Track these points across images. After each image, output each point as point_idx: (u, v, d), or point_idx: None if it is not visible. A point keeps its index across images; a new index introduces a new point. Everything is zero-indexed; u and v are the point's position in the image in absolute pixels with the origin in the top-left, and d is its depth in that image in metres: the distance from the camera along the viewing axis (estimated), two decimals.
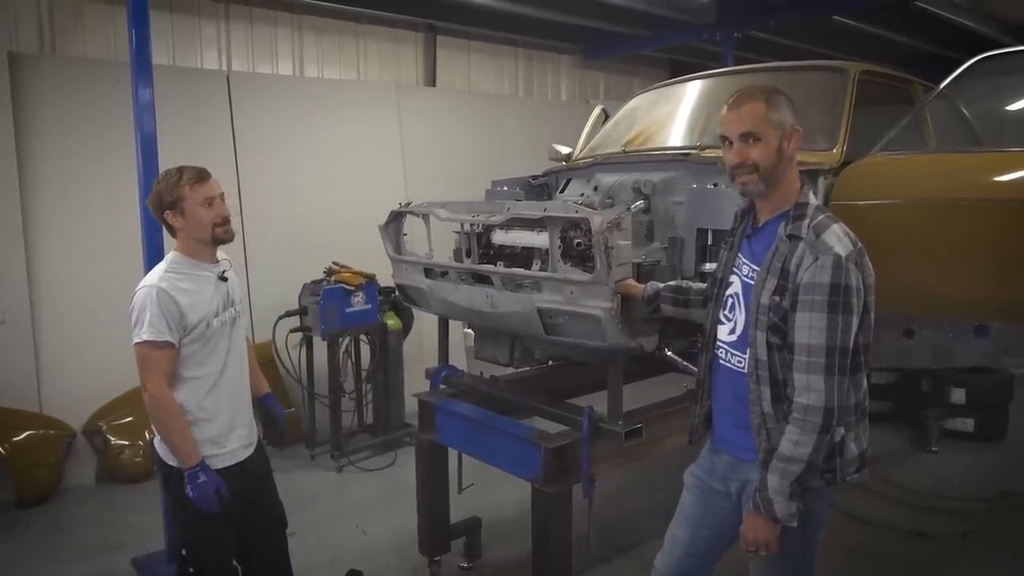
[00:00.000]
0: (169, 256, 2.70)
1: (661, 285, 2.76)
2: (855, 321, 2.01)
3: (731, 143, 2.14)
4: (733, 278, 2.26)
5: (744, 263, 2.22)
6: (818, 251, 1.99)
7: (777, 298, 2.05)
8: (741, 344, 2.20)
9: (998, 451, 5.59)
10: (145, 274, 2.77)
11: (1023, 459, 5.40)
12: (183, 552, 2.71)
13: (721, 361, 2.29)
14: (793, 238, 2.05)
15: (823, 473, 2.08)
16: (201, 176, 2.65)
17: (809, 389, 1.99)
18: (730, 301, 2.26)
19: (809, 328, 1.99)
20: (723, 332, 2.29)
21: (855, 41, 8.57)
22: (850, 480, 2.15)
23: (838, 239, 2.02)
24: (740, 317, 2.21)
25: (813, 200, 2.14)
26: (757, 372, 2.12)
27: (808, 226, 2.05)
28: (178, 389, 2.61)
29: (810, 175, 3.18)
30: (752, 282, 2.15)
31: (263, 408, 3.05)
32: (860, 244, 2.06)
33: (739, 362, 2.21)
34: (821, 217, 2.07)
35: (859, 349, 2.07)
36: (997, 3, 7.75)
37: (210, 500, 2.57)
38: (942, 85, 3.34)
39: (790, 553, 2.17)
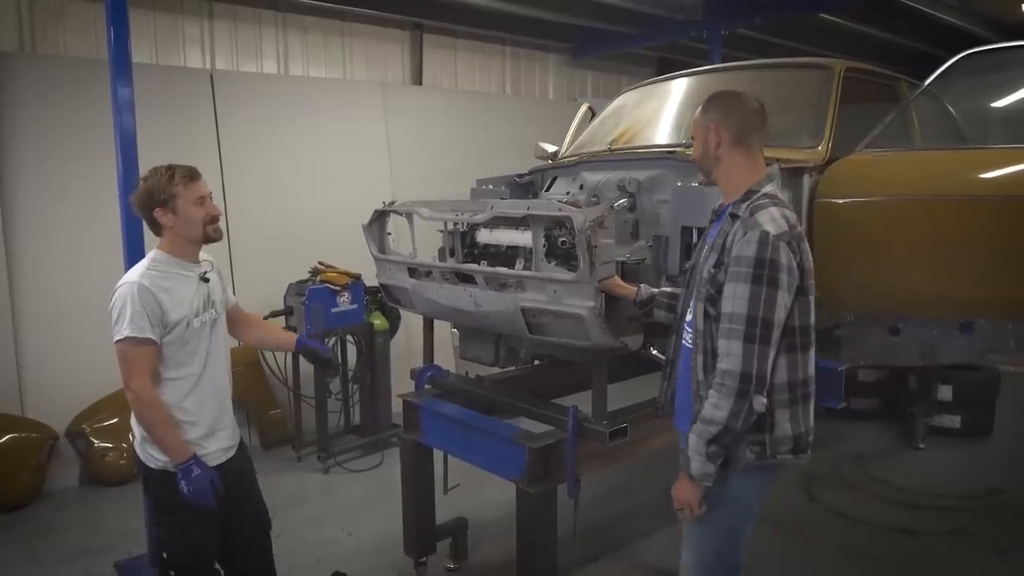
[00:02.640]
0: (151, 254, 2.66)
1: (656, 290, 2.78)
2: (782, 296, 2.09)
3: None
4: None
5: (707, 247, 2.35)
6: (748, 227, 2.12)
7: (714, 270, 2.19)
8: (692, 322, 2.33)
9: (985, 448, 5.61)
10: (126, 272, 2.72)
11: (1010, 456, 5.42)
12: (164, 555, 2.67)
13: (684, 342, 2.42)
14: (734, 217, 2.20)
15: (751, 445, 2.17)
16: (193, 175, 2.63)
17: (728, 355, 2.09)
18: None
19: (733, 298, 2.10)
20: (688, 315, 2.41)
21: (841, 38, 8.60)
22: (782, 460, 2.21)
23: (771, 219, 2.13)
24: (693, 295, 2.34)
25: (767, 188, 2.26)
26: (696, 341, 2.25)
27: (747, 206, 2.19)
28: (158, 390, 2.57)
29: (794, 172, 3.18)
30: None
31: (303, 352, 3.07)
32: (799, 230, 2.18)
33: (689, 338, 2.34)
34: (762, 200, 2.20)
35: (794, 330, 2.16)
36: (983, 0, 7.78)
37: (206, 494, 2.53)
38: (927, 82, 3.34)
39: (713, 532, 2.31)
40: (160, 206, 2.58)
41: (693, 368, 2.26)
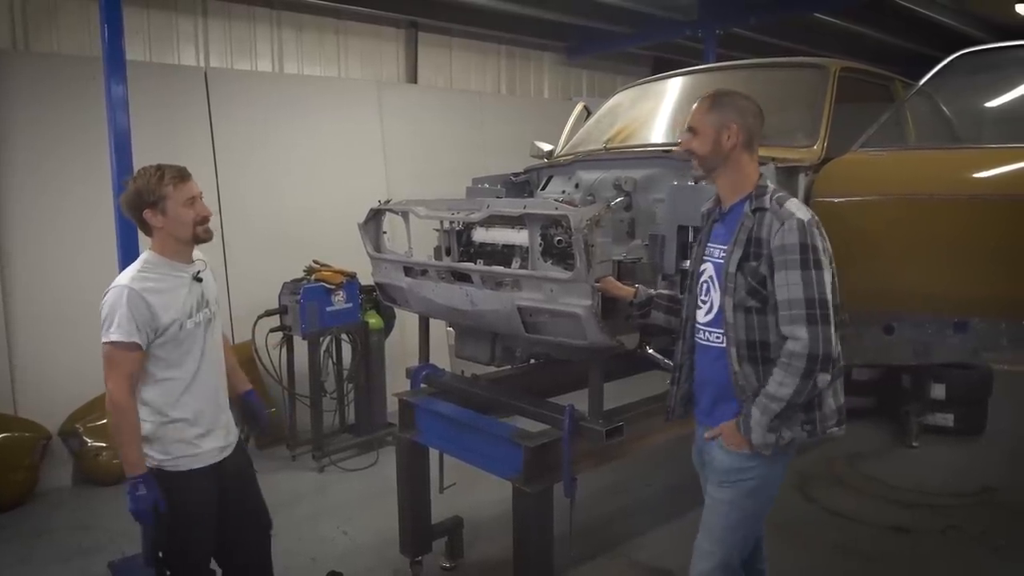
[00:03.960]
0: (143, 255, 2.65)
1: (653, 292, 2.79)
2: (828, 275, 2.25)
3: None
4: (705, 265, 2.48)
5: (715, 247, 2.45)
6: (783, 217, 2.25)
7: (754, 264, 2.28)
8: (717, 321, 2.40)
9: (978, 446, 5.63)
10: (120, 273, 2.71)
11: (1003, 454, 5.45)
12: (159, 555, 2.67)
13: (700, 342, 2.50)
14: (758, 211, 2.31)
15: (803, 424, 2.32)
16: (183, 175, 2.61)
17: (795, 338, 2.21)
18: (705, 285, 2.47)
19: (787, 285, 2.22)
20: (700, 315, 2.49)
21: (836, 38, 8.61)
22: (830, 433, 2.37)
23: (798, 207, 2.30)
24: (715, 296, 2.41)
25: (771, 184, 2.41)
26: (727, 335, 2.35)
27: (771, 199, 2.31)
28: (152, 389, 2.57)
29: (790, 172, 3.19)
30: (723, 261, 2.37)
31: (244, 405, 3.01)
32: (816, 217, 2.33)
33: (717, 338, 2.42)
34: (780, 193, 2.36)
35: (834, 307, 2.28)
36: (976, 1, 7.81)
37: (146, 515, 2.51)
38: (921, 82, 3.35)
39: (742, 519, 2.44)
40: (150, 207, 2.56)
41: (728, 362, 2.35)
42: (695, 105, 2.45)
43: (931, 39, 8.72)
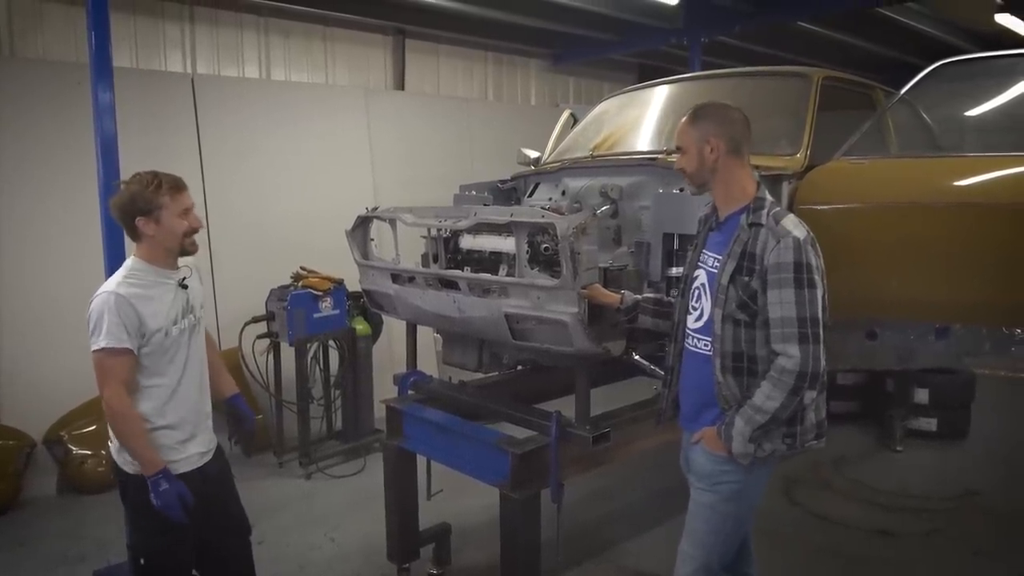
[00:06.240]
0: (128, 262, 2.63)
1: (639, 297, 2.82)
2: (819, 294, 2.27)
3: None
4: (699, 272, 2.50)
5: (709, 255, 2.46)
6: (779, 235, 2.27)
7: (746, 279, 2.29)
8: (707, 329, 2.42)
9: (961, 450, 5.69)
10: (106, 280, 2.70)
11: (985, 458, 5.50)
12: (140, 561, 2.65)
13: (689, 347, 2.53)
14: (754, 226, 2.32)
15: (784, 437, 2.35)
16: (179, 185, 2.59)
17: (787, 356, 2.24)
18: (696, 292, 2.50)
19: (780, 303, 2.25)
20: (691, 321, 2.52)
21: (819, 47, 8.70)
22: (809, 446, 2.40)
23: (795, 225, 2.31)
24: (706, 304, 2.43)
25: (769, 197, 2.42)
26: (714, 345, 2.38)
27: (768, 215, 2.32)
28: (136, 397, 2.56)
29: (774, 180, 3.22)
30: (716, 271, 2.39)
31: (231, 409, 3.00)
32: (812, 234, 2.34)
33: (705, 345, 2.44)
34: (777, 209, 2.37)
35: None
36: (957, 10, 7.91)
37: (175, 508, 2.52)
38: (903, 90, 3.39)
39: (721, 524, 2.46)
40: (143, 215, 2.54)
41: (713, 371, 2.37)
42: (679, 123, 2.47)
43: (913, 48, 8.83)
